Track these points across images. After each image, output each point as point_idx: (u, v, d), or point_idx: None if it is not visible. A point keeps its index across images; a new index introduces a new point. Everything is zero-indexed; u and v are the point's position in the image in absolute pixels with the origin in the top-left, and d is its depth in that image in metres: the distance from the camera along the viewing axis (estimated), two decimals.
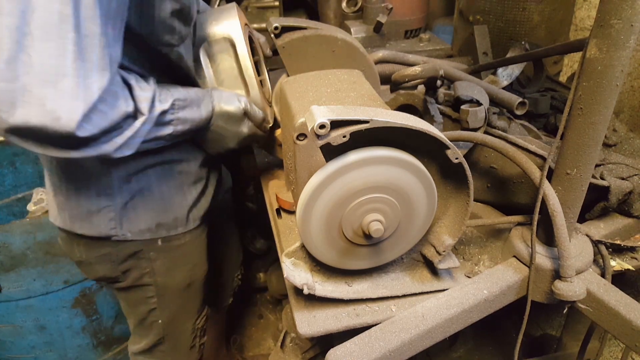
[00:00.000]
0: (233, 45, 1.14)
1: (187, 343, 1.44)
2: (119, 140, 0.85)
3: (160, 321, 1.34)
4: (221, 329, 1.96)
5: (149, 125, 0.91)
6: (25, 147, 0.77)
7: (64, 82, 0.71)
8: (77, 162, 1.07)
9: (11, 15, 0.68)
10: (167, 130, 0.97)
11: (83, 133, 0.75)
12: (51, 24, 0.70)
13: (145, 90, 0.90)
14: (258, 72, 1.29)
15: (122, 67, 0.90)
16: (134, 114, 0.87)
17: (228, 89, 1.17)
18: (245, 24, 1.23)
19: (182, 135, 1.03)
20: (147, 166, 1.11)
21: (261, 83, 1.28)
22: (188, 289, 1.34)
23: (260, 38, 1.34)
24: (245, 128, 1.15)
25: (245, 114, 1.14)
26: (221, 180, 1.42)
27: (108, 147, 0.84)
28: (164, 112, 0.94)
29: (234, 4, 1.22)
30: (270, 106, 1.29)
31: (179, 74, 1.09)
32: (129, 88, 0.87)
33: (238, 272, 1.83)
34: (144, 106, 0.88)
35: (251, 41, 1.25)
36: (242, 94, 1.17)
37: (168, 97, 0.96)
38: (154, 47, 0.98)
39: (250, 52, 1.16)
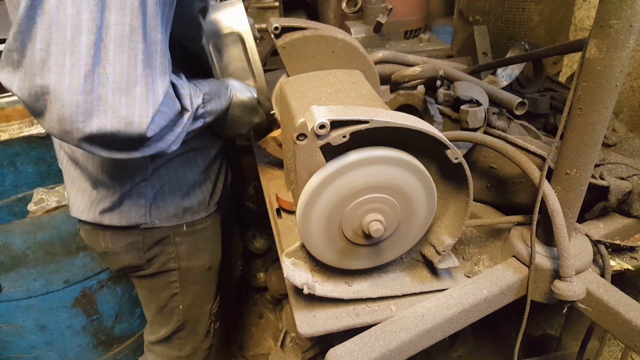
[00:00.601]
0: (242, 39, 1.22)
1: (204, 328, 1.49)
2: (171, 137, 0.89)
3: (181, 306, 1.39)
4: (224, 324, 1.98)
5: (192, 120, 0.95)
6: (91, 152, 0.81)
7: (135, 89, 0.76)
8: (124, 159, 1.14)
9: (89, 33, 0.71)
10: (200, 123, 1.02)
11: (150, 134, 0.81)
12: (124, 37, 0.74)
13: (184, 87, 0.94)
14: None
15: None
16: (181, 111, 0.91)
17: (238, 79, 1.24)
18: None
19: (207, 126, 1.09)
20: (175, 155, 1.17)
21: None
22: (208, 272, 1.40)
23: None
24: (257, 117, 1.23)
25: (259, 104, 1.21)
26: (230, 169, 1.47)
27: (163, 145, 0.88)
28: (198, 107, 0.99)
29: (239, 1, 1.27)
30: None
31: (198, 66, 1.14)
32: (173, 86, 0.91)
33: (239, 262, 1.88)
34: (187, 102, 0.92)
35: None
36: (251, 84, 1.25)
37: (198, 91, 1.00)
38: (180, 43, 1.02)
39: (255, 47, 1.25)
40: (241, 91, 1.19)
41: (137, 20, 0.75)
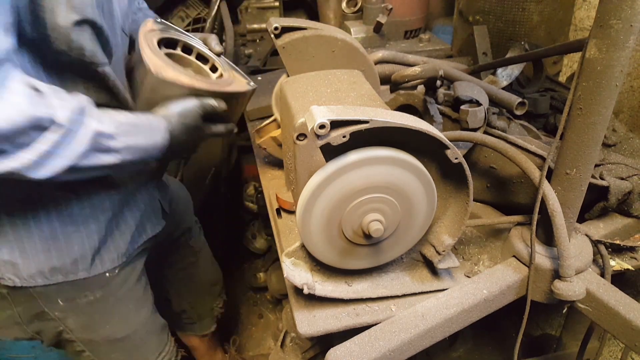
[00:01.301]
0: (138, 53, 1.03)
1: None
2: (29, 155, 0.71)
3: None
4: (211, 345, 1.89)
5: (82, 147, 0.77)
6: None
7: None
8: None
9: None
10: (112, 158, 0.84)
11: None
12: None
13: (65, 100, 0.76)
14: (214, 70, 1.18)
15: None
16: (49, 124, 0.73)
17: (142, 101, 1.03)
18: (157, 29, 1.11)
19: (128, 167, 0.90)
20: (32, 201, 0.95)
21: (213, 68, 1.18)
22: (125, 340, 1.20)
23: (209, 37, 1.19)
24: (207, 134, 1.05)
25: (206, 115, 1.01)
26: (157, 213, 1.24)
27: (14, 163, 0.70)
28: (103, 135, 0.81)
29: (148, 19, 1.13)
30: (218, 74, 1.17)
31: (111, 98, 0.96)
32: (43, 96, 0.74)
33: (219, 300, 1.76)
34: (61, 114, 0.73)
35: (175, 42, 1.15)
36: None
37: (111, 120, 0.83)
38: (62, 58, 0.84)
39: (152, 44, 1.04)
40: (180, 114, 0.97)
41: None
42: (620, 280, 1.05)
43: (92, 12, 0.84)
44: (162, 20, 1.17)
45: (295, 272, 0.87)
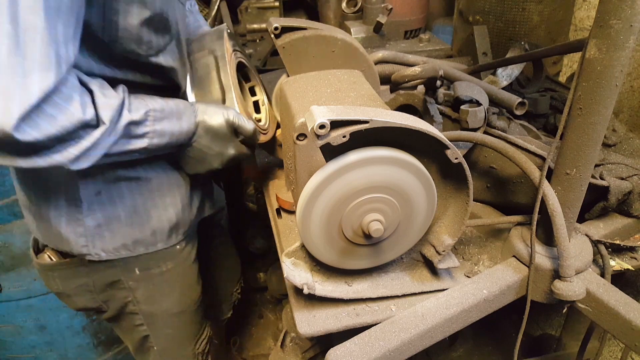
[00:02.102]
0: (216, 59, 1.12)
1: None
2: (74, 150, 0.77)
3: (155, 347, 1.29)
4: (220, 340, 1.93)
5: (114, 137, 0.83)
6: None
7: None
8: (38, 174, 1.00)
9: None
10: (141, 143, 0.89)
11: (25, 137, 0.68)
12: None
13: (109, 97, 0.82)
14: (253, 93, 1.29)
15: (89, 73, 0.85)
16: (96, 123, 0.79)
17: (204, 93, 1.11)
18: (235, 50, 1.22)
19: (160, 150, 0.96)
20: (117, 179, 1.03)
21: (257, 105, 1.28)
22: (180, 315, 1.27)
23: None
24: (232, 149, 1.06)
25: (232, 128, 1.04)
26: (211, 195, 1.33)
27: (60, 158, 0.76)
28: (134, 123, 0.86)
29: (224, 25, 1.22)
30: (261, 124, 1.26)
31: (159, 84, 1.02)
32: (91, 94, 0.80)
33: (237, 286, 1.79)
34: (105, 114, 0.79)
35: (243, 66, 1.25)
36: (224, 103, 1.10)
37: (141, 107, 0.88)
38: (130, 58, 0.91)
39: (234, 70, 1.14)
40: (212, 115, 1.01)
41: None
42: (620, 280, 1.05)
43: (160, 4, 0.90)
44: (231, 32, 1.25)
45: (295, 272, 0.87)
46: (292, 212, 1.16)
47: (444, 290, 0.92)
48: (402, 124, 0.74)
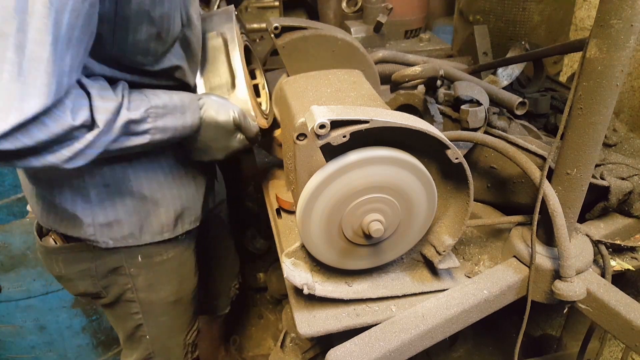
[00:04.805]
0: (226, 44, 1.14)
1: (178, 359, 1.41)
2: (66, 152, 0.80)
3: (148, 336, 1.31)
4: (217, 334, 1.94)
5: (111, 137, 0.85)
6: None
7: None
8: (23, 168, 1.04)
9: None
10: (142, 139, 0.92)
11: (12, 145, 0.71)
12: None
13: (107, 100, 0.84)
14: (253, 76, 1.31)
15: (90, 73, 0.87)
16: (90, 125, 0.82)
17: (213, 76, 1.14)
18: (242, 33, 1.24)
19: (163, 143, 0.98)
20: (125, 171, 1.06)
21: (257, 88, 1.29)
22: (175, 304, 1.30)
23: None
24: (236, 142, 1.10)
25: (237, 127, 1.08)
26: (213, 187, 1.36)
27: (53, 159, 0.79)
28: (134, 122, 0.88)
29: (232, 7, 1.23)
30: (262, 108, 1.28)
31: (166, 85, 1.03)
32: (89, 97, 0.82)
33: (235, 281, 1.80)
34: (100, 117, 0.82)
35: (248, 50, 1.26)
36: (234, 100, 1.12)
37: (142, 105, 0.90)
38: (130, 64, 0.94)
39: (242, 54, 1.16)
40: (218, 110, 1.04)
41: (8, 26, 0.67)
42: (620, 280, 1.05)
43: (168, 20, 0.93)
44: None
45: (295, 272, 0.87)
46: (292, 212, 1.16)
47: (444, 290, 0.92)
48: (402, 124, 0.73)
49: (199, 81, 1.15)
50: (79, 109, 0.79)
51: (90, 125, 0.82)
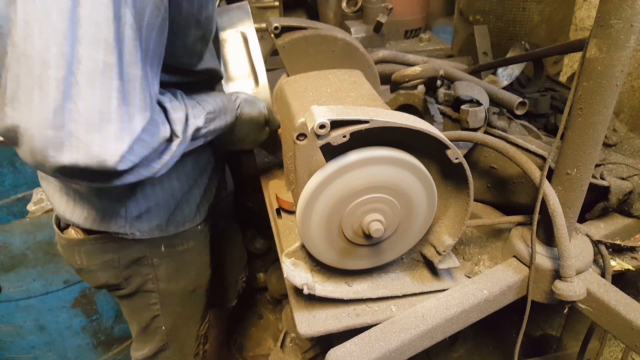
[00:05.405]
0: (246, 40, 1.20)
1: (191, 350, 1.44)
2: (157, 165, 0.85)
3: (163, 327, 1.34)
4: (223, 329, 1.96)
5: (185, 145, 0.91)
6: (69, 182, 0.80)
7: (108, 127, 0.73)
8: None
9: (58, 67, 0.68)
10: (199, 142, 0.98)
11: (125, 166, 0.76)
12: (96, 73, 0.71)
13: (177, 110, 0.90)
14: None
15: None
16: (170, 136, 0.87)
17: (238, 79, 1.21)
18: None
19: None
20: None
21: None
22: (192, 295, 1.34)
23: None
24: (264, 134, 1.20)
25: (266, 121, 1.17)
26: (224, 178, 1.42)
27: (146, 172, 0.84)
28: (198, 129, 0.94)
29: (246, 2, 1.27)
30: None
31: (203, 80, 1.09)
32: (164, 111, 0.87)
33: (242, 274, 1.83)
34: (178, 128, 0.88)
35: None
36: (252, 86, 1.21)
37: (200, 112, 0.96)
38: (177, 67, 0.99)
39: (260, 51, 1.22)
40: (251, 106, 1.14)
41: (112, 56, 0.72)
42: (620, 280, 1.05)
43: (212, 23, 1.00)
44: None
45: (295, 273, 0.87)
46: (292, 212, 1.16)
47: (444, 290, 0.92)
48: (402, 124, 0.73)
49: (224, 79, 1.22)
50: (163, 122, 0.85)
51: (171, 136, 0.87)
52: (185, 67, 1.00)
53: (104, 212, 1.10)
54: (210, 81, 1.14)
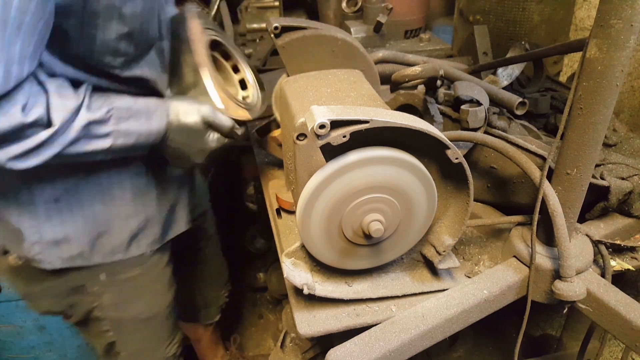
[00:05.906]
0: (181, 41, 1.09)
1: None
2: (15, 149, 0.77)
3: (123, 353, 1.26)
4: (214, 337, 1.92)
5: (67, 137, 0.82)
6: None
7: None
8: None
9: None
10: (104, 143, 0.88)
11: None
12: None
13: (65, 98, 0.81)
14: (237, 70, 1.25)
15: (51, 72, 0.84)
16: (45, 124, 0.79)
17: (178, 79, 1.07)
18: (207, 28, 1.15)
19: (127, 151, 0.93)
20: (77, 185, 1.00)
21: (242, 83, 1.24)
22: (149, 321, 1.25)
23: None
24: (212, 142, 1.03)
25: (209, 126, 1.02)
26: (188, 203, 1.30)
27: (2, 156, 0.77)
28: (95, 123, 0.85)
29: (190, 6, 1.17)
30: (247, 100, 1.21)
31: (136, 92, 0.98)
32: (46, 95, 0.80)
33: (224, 290, 1.78)
34: (57, 116, 0.79)
35: (217, 44, 1.19)
36: (205, 97, 1.05)
37: (103, 105, 0.86)
38: (98, 66, 0.90)
39: (205, 49, 1.10)
40: (185, 113, 0.98)
41: None
42: (620, 280, 1.05)
43: (141, 20, 0.90)
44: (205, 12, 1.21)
45: (295, 273, 0.87)
46: (292, 212, 1.16)
47: (444, 290, 0.92)
48: (402, 124, 0.73)
49: (167, 90, 1.10)
50: (33, 105, 0.77)
51: (46, 123, 0.79)
52: (107, 68, 0.91)
53: (18, 234, 1.01)
54: (147, 94, 1.01)
